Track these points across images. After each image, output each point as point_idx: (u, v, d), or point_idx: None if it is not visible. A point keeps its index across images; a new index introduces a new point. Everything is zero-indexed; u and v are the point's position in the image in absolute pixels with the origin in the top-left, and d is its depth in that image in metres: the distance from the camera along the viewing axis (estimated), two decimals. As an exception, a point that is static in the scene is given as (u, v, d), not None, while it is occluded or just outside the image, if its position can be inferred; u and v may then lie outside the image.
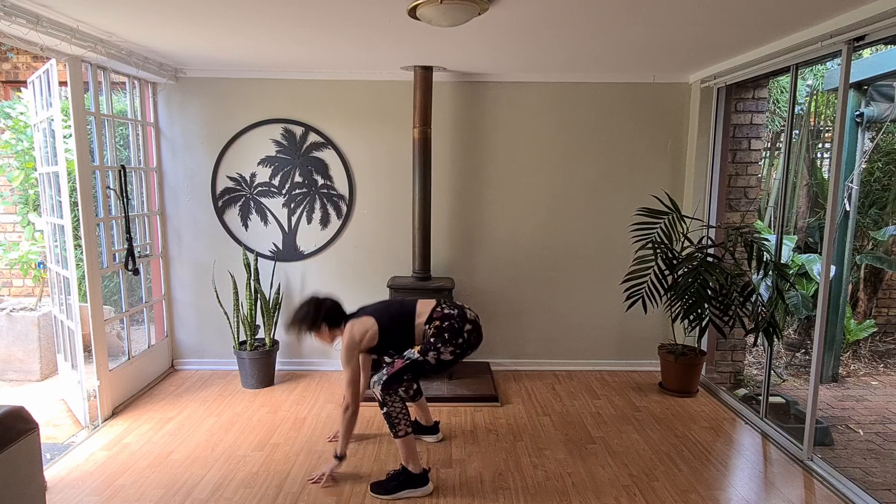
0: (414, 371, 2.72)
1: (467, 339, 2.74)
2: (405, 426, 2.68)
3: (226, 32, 3.06)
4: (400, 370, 2.70)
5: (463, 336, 2.73)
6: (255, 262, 4.08)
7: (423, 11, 2.53)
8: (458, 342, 2.72)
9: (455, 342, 2.72)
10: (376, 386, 2.70)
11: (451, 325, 2.73)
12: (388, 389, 2.68)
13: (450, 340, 2.71)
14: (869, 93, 4.50)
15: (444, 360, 2.73)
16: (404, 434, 2.68)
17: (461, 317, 2.77)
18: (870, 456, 3.53)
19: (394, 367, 2.70)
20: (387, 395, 2.68)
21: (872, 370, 5.05)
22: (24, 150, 4.66)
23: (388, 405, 2.68)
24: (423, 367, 2.72)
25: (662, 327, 4.40)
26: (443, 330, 2.73)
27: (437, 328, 2.74)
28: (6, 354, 4.30)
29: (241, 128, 4.18)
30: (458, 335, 2.72)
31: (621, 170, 4.29)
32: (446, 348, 2.71)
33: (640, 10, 2.60)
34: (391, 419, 2.68)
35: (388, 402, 2.68)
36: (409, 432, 2.69)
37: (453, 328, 2.73)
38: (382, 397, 2.69)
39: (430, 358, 2.71)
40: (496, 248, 4.36)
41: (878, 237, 5.10)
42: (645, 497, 2.71)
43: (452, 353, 2.72)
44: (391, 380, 2.69)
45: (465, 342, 2.74)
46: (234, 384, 4.10)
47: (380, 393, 2.69)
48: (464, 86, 4.19)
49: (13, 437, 1.95)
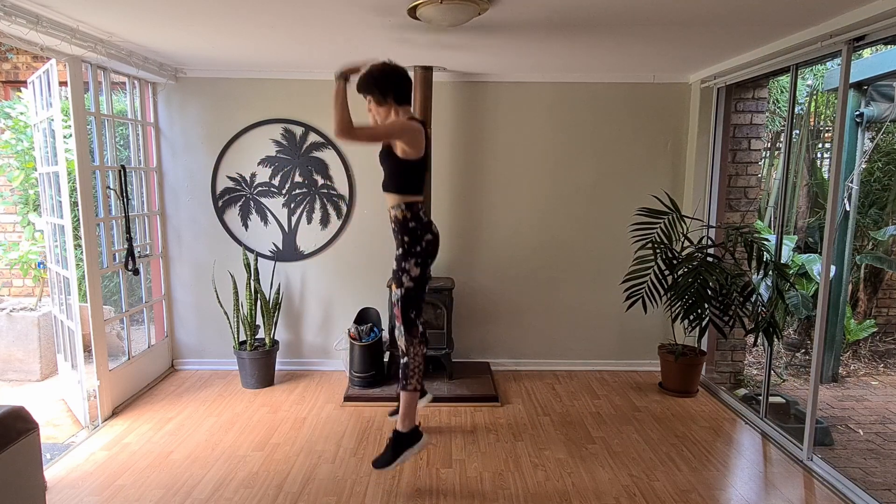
0: (410, 303, 2.74)
1: (425, 247, 2.72)
2: (417, 382, 2.75)
3: (226, 32, 3.06)
4: (403, 312, 2.74)
5: (421, 244, 2.70)
6: (255, 262, 4.08)
7: (423, 11, 2.53)
8: (416, 251, 2.69)
9: (413, 251, 2.69)
10: (400, 338, 2.76)
11: (414, 229, 2.68)
12: (411, 335, 2.74)
13: (409, 249, 2.69)
14: (869, 93, 4.50)
15: (416, 277, 2.71)
16: (413, 388, 2.74)
17: (426, 226, 2.73)
18: (870, 456, 3.53)
19: (398, 316, 2.75)
20: (410, 344, 2.75)
21: (872, 370, 5.05)
22: (24, 150, 4.66)
23: (410, 355, 2.75)
24: (412, 295, 2.73)
25: (662, 327, 4.40)
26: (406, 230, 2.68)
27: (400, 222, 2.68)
28: (6, 354, 4.30)
29: (241, 128, 4.18)
30: (416, 240, 2.69)
31: (621, 170, 4.29)
32: (409, 262, 2.70)
33: (640, 9, 2.60)
34: (407, 370, 2.75)
35: (410, 352, 2.75)
36: (417, 388, 2.75)
37: (415, 233, 2.68)
38: (406, 347, 2.75)
39: (406, 283, 2.71)
40: (496, 247, 4.36)
41: (878, 237, 5.10)
42: (645, 497, 2.71)
43: (417, 265, 2.70)
44: (406, 324, 2.74)
45: (423, 250, 2.71)
46: (234, 384, 4.10)
47: (404, 342, 2.75)
48: (464, 86, 4.19)
49: (13, 437, 1.95)
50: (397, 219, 2.70)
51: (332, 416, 3.58)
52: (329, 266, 4.35)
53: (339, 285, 4.37)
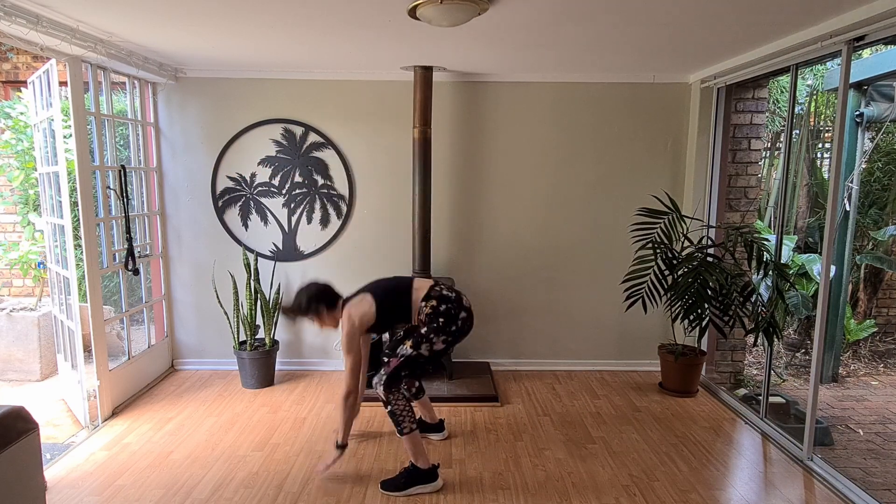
0: (410, 366, 2.73)
1: (461, 326, 2.75)
2: (409, 423, 2.70)
3: (226, 32, 3.06)
4: (397, 367, 2.71)
5: (457, 324, 2.73)
6: (255, 262, 4.08)
7: (423, 11, 2.53)
8: (450, 329, 2.72)
9: (448, 330, 2.71)
10: (378, 386, 2.73)
11: (448, 311, 2.72)
12: (390, 388, 2.71)
13: (443, 328, 2.70)
14: (869, 93, 4.50)
15: (436, 350, 2.74)
16: (409, 431, 2.70)
17: (458, 303, 2.76)
18: (870, 456, 3.53)
19: (390, 366, 2.72)
20: (389, 393, 2.71)
21: (872, 370, 5.05)
22: (24, 150, 4.66)
23: (392, 403, 2.71)
24: (418, 360, 2.73)
25: (662, 327, 4.40)
26: (438, 314, 2.71)
27: (434, 309, 2.71)
28: (6, 354, 4.30)
29: (241, 128, 4.18)
30: (452, 322, 2.72)
31: (621, 170, 4.29)
32: (438, 338, 2.71)
33: (640, 9, 2.60)
34: (395, 417, 2.71)
35: (391, 401, 2.71)
36: (413, 429, 2.71)
37: (449, 314, 2.71)
38: (386, 396, 2.72)
39: (423, 351, 2.72)
40: (496, 247, 4.36)
41: (878, 237, 5.10)
42: (645, 497, 2.71)
43: (445, 341, 2.73)
44: (390, 379, 2.71)
45: (458, 329, 2.74)
46: (234, 384, 4.10)
47: (383, 392, 2.72)
48: (464, 86, 4.19)
49: (13, 437, 1.95)
50: (428, 315, 2.73)
51: (332, 416, 3.57)
52: (329, 266, 4.35)
53: (340, 285, 4.32)
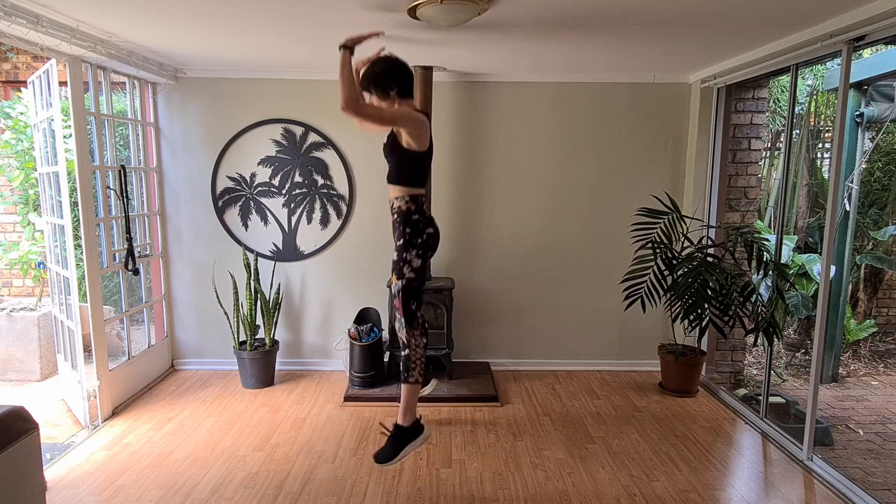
0: (411, 296, 2.71)
1: (426, 240, 2.71)
2: (419, 374, 2.72)
3: (226, 32, 3.06)
4: (404, 303, 2.71)
5: (422, 237, 2.69)
6: (255, 262, 4.08)
7: (423, 11, 2.53)
8: (417, 242, 2.68)
9: (415, 242, 2.68)
10: (402, 330, 2.73)
11: (417, 221, 2.68)
12: (412, 327, 2.71)
13: (410, 241, 2.67)
14: (869, 93, 4.50)
15: (418, 268, 2.70)
16: (414, 381, 2.71)
17: (429, 220, 2.74)
18: (870, 456, 3.53)
19: (399, 308, 2.72)
20: (411, 336, 2.72)
21: (872, 370, 5.05)
22: (24, 150, 4.66)
23: (412, 347, 2.72)
24: (413, 286, 2.71)
25: (662, 327, 4.40)
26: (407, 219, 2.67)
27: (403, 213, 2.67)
28: (6, 354, 4.30)
29: (241, 128, 4.18)
30: (418, 235, 2.68)
31: (621, 170, 4.29)
32: (410, 253, 2.68)
33: (640, 9, 2.60)
34: (408, 362, 2.72)
35: (412, 344, 2.72)
36: (419, 380, 2.73)
37: (416, 225, 2.68)
38: (407, 339, 2.72)
39: (408, 274, 2.69)
40: (496, 247, 4.36)
41: (878, 237, 5.10)
42: (645, 497, 2.71)
43: (418, 255, 2.69)
44: (407, 316, 2.71)
45: (424, 242, 2.70)
46: (234, 384, 4.10)
47: (405, 334, 2.72)
48: (464, 86, 4.19)
49: (13, 437, 1.95)
50: (400, 210, 2.69)
51: (332, 416, 3.58)
52: (329, 266, 4.35)
53: (339, 285, 4.37)
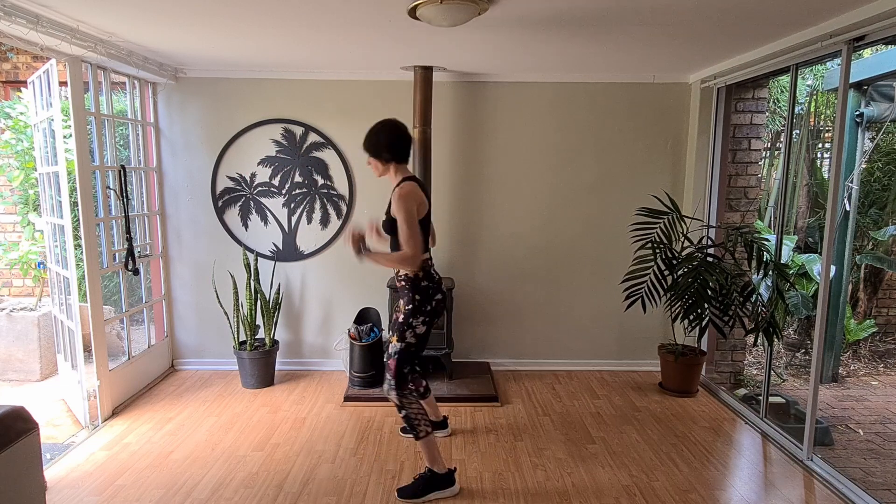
0: (407, 360, 2.71)
1: (435, 307, 2.73)
2: (425, 426, 2.70)
3: (226, 32, 3.06)
4: (397, 366, 2.70)
5: (432, 304, 2.71)
6: (255, 262, 4.08)
7: (423, 11, 2.53)
8: (426, 310, 2.69)
9: (423, 310, 2.69)
10: (391, 393, 2.72)
11: (426, 288, 2.70)
12: (401, 390, 2.70)
13: (418, 308, 2.68)
14: (869, 93, 4.50)
15: (420, 335, 2.71)
16: (425, 434, 2.69)
17: (437, 284, 2.75)
18: (870, 456, 3.53)
19: (391, 368, 2.71)
20: (402, 397, 2.70)
21: (872, 370, 5.05)
22: (24, 150, 4.66)
23: (406, 407, 2.70)
24: (411, 351, 2.71)
25: (662, 327, 4.40)
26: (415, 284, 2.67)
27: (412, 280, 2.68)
28: (6, 354, 4.30)
29: (241, 128, 4.18)
30: (428, 302, 2.69)
31: (621, 170, 4.29)
32: (417, 320, 2.69)
33: (640, 9, 2.60)
34: (410, 421, 2.70)
35: (405, 404, 2.70)
36: (429, 432, 2.70)
37: (426, 292, 2.69)
38: (399, 400, 2.71)
39: (409, 339, 2.69)
40: (496, 248, 4.36)
41: (878, 237, 5.10)
42: (645, 497, 2.71)
43: (424, 322, 2.70)
44: (398, 380, 2.70)
45: (433, 309, 2.72)
46: (234, 384, 4.10)
47: (396, 397, 2.71)
48: (464, 86, 4.19)
49: (13, 437, 1.95)
50: (408, 277, 2.69)
51: (332, 416, 3.58)
52: (329, 266, 4.35)
53: (339, 285, 4.37)
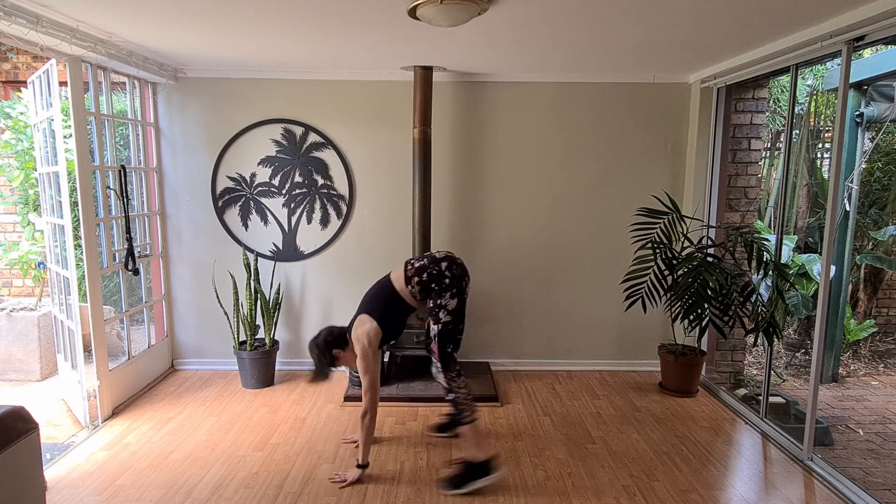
0: (448, 339, 2.73)
1: (451, 274, 2.74)
2: (472, 411, 2.72)
3: (226, 32, 3.06)
4: (440, 349, 2.71)
5: (446, 275, 2.73)
6: (255, 262, 4.08)
7: (423, 11, 2.53)
8: (446, 284, 2.72)
9: (444, 285, 2.72)
10: (439, 375, 2.74)
11: (431, 273, 2.73)
12: (449, 371, 2.72)
13: (441, 288, 2.71)
14: (869, 93, 4.50)
15: (454, 310, 2.73)
16: (470, 420, 2.72)
17: (432, 261, 2.78)
18: (870, 456, 3.53)
19: (435, 351, 2.72)
20: (451, 380, 2.72)
21: (872, 370, 5.05)
22: (24, 150, 4.66)
23: (455, 390, 2.72)
24: (448, 329, 2.72)
25: (662, 327, 4.40)
26: (427, 282, 2.73)
27: (420, 283, 2.74)
28: (6, 354, 4.30)
29: (241, 128, 4.18)
30: (441, 278, 2.73)
31: (621, 170, 4.29)
32: (444, 297, 2.71)
33: (640, 9, 2.60)
34: (458, 405, 2.72)
35: (454, 388, 2.72)
36: (475, 418, 2.73)
37: (433, 275, 2.73)
38: (448, 383, 2.72)
39: (444, 317, 2.71)
40: (496, 248, 4.36)
41: (878, 237, 5.10)
42: (645, 497, 2.71)
43: (452, 295, 2.72)
44: (444, 361, 2.71)
45: (452, 277, 2.74)
46: (234, 384, 4.10)
47: (444, 380, 2.72)
48: (464, 86, 4.19)
49: (13, 437, 1.95)
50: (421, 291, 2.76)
51: (332, 416, 3.58)
52: (329, 266, 4.35)
53: (339, 285, 4.37)
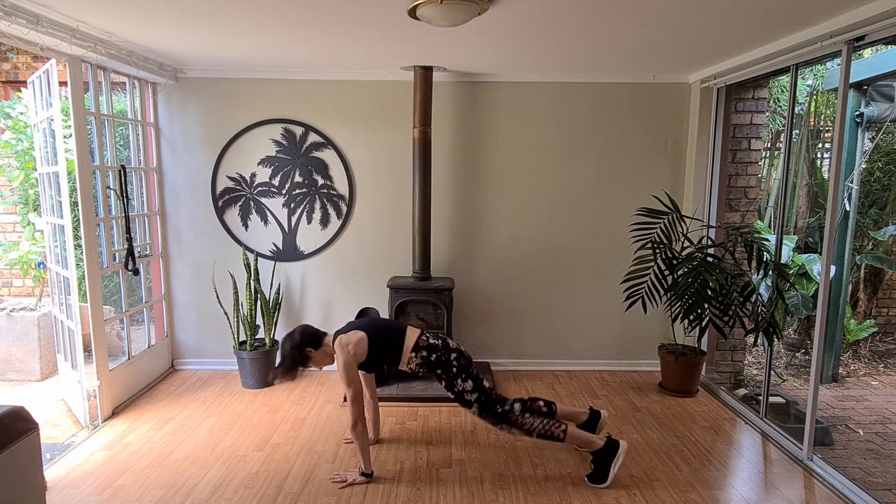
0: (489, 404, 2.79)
1: (458, 364, 2.81)
2: (558, 429, 2.77)
3: (226, 32, 3.06)
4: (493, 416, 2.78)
5: (453, 364, 2.80)
6: (255, 262, 4.08)
7: (423, 11, 2.53)
8: (453, 372, 2.79)
9: (451, 372, 2.79)
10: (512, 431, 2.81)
11: (439, 358, 2.80)
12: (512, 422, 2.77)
13: (450, 375, 2.79)
14: (869, 93, 4.50)
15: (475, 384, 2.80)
16: (564, 435, 2.77)
17: (445, 347, 2.83)
18: (870, 456, 3.53)
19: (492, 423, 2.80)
20: (519, 427, 2.78)
21: (872, 370, 5.05)
22: (24, 150, 4.66)
23: (532, 431, 2.78)
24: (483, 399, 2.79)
25: (662, 327, 4.40)
26: (433, 363, 2.80)
27: (424, 359, 2.80)
28: (6, 354, 4.30)
29: (241, 128, 4.18)
30: (449, 366, 2.80)
31: (621, 170, 4.29)
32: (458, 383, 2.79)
33: (640, 10, 2.60)
34: (544, 436, 2.77)
35: (528, 430, 2.78)
36: (566, 429, 2.78)
37: (441, 360, 2.80)
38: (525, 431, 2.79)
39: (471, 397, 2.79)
40: (496, 248, 4.36)
41: (878, 237, 5.10)
42: (645, 497, 2.71)
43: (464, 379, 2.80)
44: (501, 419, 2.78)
45: (458, 367, 2.80)
46: (234, 384, 4.10)
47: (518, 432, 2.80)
48: (464, 86, 4.19)
49: (13, 437, 1.95)
50: (419, 365, 2.80)
51: (332, 416, 3.58)
52: (329, 266, 4.35)
53: (339, 285, 4.37)
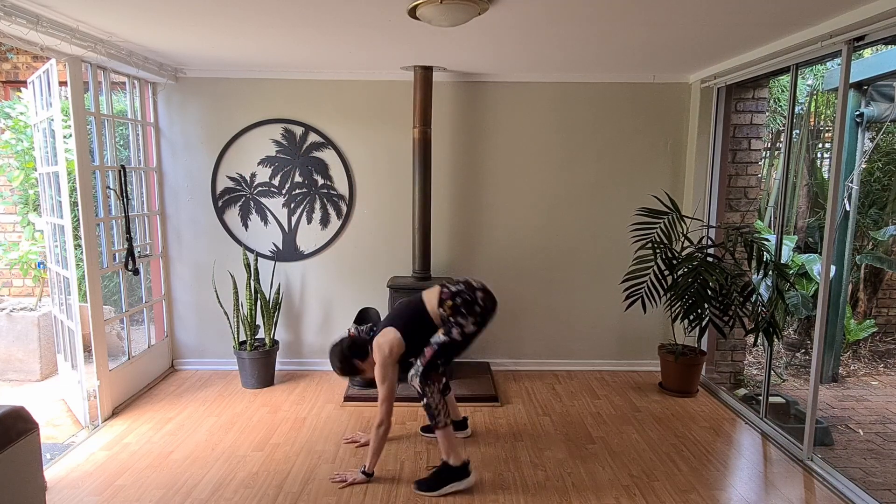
0: (445, 353, 2.75)
1: (483, 305, 2.79)
2: (445, 416, 2.74)
3: (226, 32, 3.06)
4: (432, 357, 2.73)
5: (479, 304, 2.78)
6: (255, 262, 4.08)
7: (423, 11, 2.53)
8: (476, 311, 2.77)
9: (473, 312, 2.77)
10: (414, 379, 2.75)
11: (465, 299, 2.78)
12: (427, 380, 2.73)
13: (468, 314, 2.76)
14: (869, 93, 4.50)
15: (469, 333, 2.77)
16: (444, 425, 2.74)
17: (469, 288, 2.82)
18: (870, 456, 3.53)
19: (426, 357, 2.74)
20: (426, 385, 2.73)
21: (872, 370, 5.05)
22: (24, 150, 4.66)
23: (428, 396, 2.74)
24: (452, 346, 2.75)
25: (662, 327, 4.40)
26: (458, 306, 2.77)
27: (452, 307, 2.77)
28: (6, 354, 4.30)
29: (241, 128, 4.18)
30: (473, 305, 2.78)
31: (621, 170, 4.29)
32: (468, 321, 2.75)
33: (641, 10, 2.60)
34: (431, 410, 2.73)
35: (427, 393, 2.73)
36: (448, 423, 2.75)
37: (467, 301, 2.78)
38: (422, 388, 2.74)
39: (455, 335, 2.74)
40: (496, 248, 4.36)
41: (878, 237, 5.10)
42: (645, 497, 2.71)
43: (475, 323, 2.77)
44: (427, 369, 2.73)
45: (483, 309, 2.79)
46: (234, 384, 4.10)
47: (419, 385, 2.74)
48: (464, 86, 4.19)
49: (13, 437, 1.95)
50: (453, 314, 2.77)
51: (332, 416, 3.58)
52: (329, 266, 4.35)
53: (339, 285, 4.37)
